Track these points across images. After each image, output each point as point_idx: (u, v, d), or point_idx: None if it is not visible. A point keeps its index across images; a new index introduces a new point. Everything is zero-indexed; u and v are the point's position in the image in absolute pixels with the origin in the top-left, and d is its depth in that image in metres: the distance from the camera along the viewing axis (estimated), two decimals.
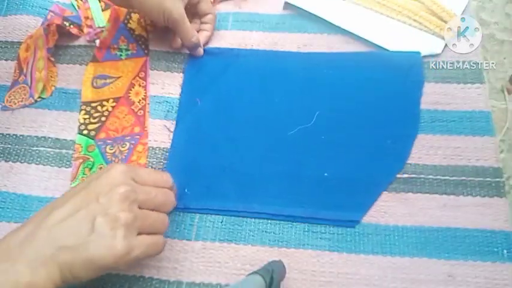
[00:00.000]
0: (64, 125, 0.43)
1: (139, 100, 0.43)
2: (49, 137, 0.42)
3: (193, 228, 0.37)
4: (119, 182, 0.30)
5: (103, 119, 0.42)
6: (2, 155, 0.41)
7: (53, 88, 0.45)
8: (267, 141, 0.40)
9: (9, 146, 0.42)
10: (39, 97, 0.44)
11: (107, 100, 0.43)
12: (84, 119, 0.42)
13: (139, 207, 0.30)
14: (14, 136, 0.42)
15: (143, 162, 0.40)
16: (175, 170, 0.38)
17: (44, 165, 0.41)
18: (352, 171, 0.38)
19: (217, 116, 0.42)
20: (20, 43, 0.47)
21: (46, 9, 0.49)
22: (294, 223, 0.37)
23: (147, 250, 0.30)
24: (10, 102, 0.44)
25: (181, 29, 0.42)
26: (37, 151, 0.41)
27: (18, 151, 0.42)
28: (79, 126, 0.42)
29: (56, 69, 0.46)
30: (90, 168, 0.40)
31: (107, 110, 0.43)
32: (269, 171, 0.39)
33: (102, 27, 0.47)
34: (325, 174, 0.38)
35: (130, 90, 0.44)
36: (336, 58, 0.44)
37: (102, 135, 0.42)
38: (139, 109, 0.43)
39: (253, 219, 0.37)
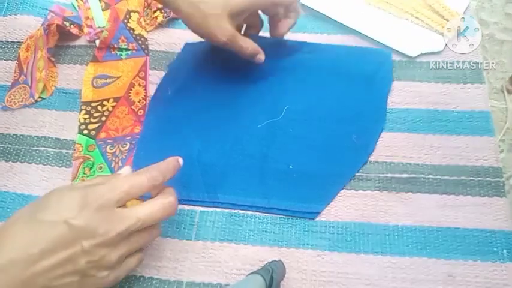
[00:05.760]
0: (64, 124, 0.43)
1: (140, 100, 0.43)
2: (49, 137, 0.42)
3: (194, 228, 0.37)
4: (102, 228, 0.28)
5: (103, 118, 0.42)
6: (2, 155, 0.41)
7: (53, 88, 0.45)
8: (235, 133, 0.41)
9: (9, 146, 0.42)
10: (39, 97, 0.44)
11: (107, 100, 0.43)
12: (85, 118, 0.42)
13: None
14: (14, 136, 0.42)
15: None
16: (142, 159, 0.39)
17: (44, 165, 0.41)
18: (316, 164, 0.39)
19: (187, 106, 0.43)
20: (20, 43, 0.47)
21: (46, 9, 0.49)
22: (294, 223, 0.37)
23: (129, 271, 0.31)
24: (10, 102, 0.44)
25: (233, 48, 0.39)
26: (37, 151, 0.41)
27: (18, 151, 0.42)
28: (79, 126, 0.42)
29: (56, 69, 0.46)
30: (90, 168, 0.40)
31: (107, 109, 0.43)
32: (236, 162, 0.39)
33: (102, 27, 0.47)
34: (290, 166, 0.39)
35: (131, 90, 0.44)
36: (309, 49, 0.44)
37: (102, 135, 0.42)
38: (140, 109, 0.43)
39: (253, 219, 0.37)
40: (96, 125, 0.42)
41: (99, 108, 0.43)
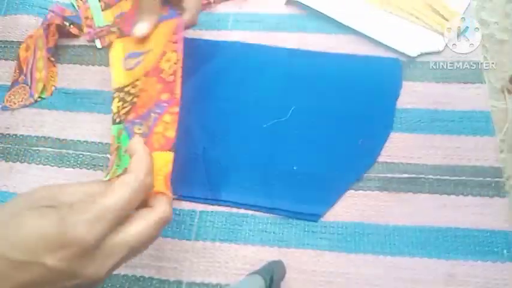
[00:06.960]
0: (64, 125, 0.43)
1: (170, 66, 0.35)
2: (49, 137, 0.42)
3: (193, 228, 0.37)
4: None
5: (135, 100, 0.35)
6: (2, 155, 0.41)
7: (53, 88, 0.45)
8: (241, 131, 0.41)
9: (9, 146, 0.42)
10: (39, 97, 0.44)
11: (140, 79, 0.36)
12: (118, 107, 0.35)
13: None
14: (14, 136, 0.43)
15: (171, 136, 0.31)
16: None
17: (44, 165, 0.41)
18: (321, 166, 0.39)
19: (195, 103, 0.42)
20: (19, 43, 0.47)
21: (46, 9, 0.49)
22: (294, 223, 0.37)
23: None
24: (10, 102, 0.44)
25: None
26: (37, 151, 0.41)
27: (18, 151, 0.42)
28: (112, 116, 0.35)
29: (56, 69, 0.46)
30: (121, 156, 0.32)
31: (139, 89, 0.35)
32: (240, 161, 0.39)
33: (102, 27, 0.47)
34: (294, 167, 0.39)
35: (161, 58, 0.36)
36: (317, 56, 0.44)
37: (131, 116, 0.34)
38: (170, 75, 0.34)
39: (253, 219, 0.37)
40: (127, 109, 0.34)
41: (131, 91, 0.35)
